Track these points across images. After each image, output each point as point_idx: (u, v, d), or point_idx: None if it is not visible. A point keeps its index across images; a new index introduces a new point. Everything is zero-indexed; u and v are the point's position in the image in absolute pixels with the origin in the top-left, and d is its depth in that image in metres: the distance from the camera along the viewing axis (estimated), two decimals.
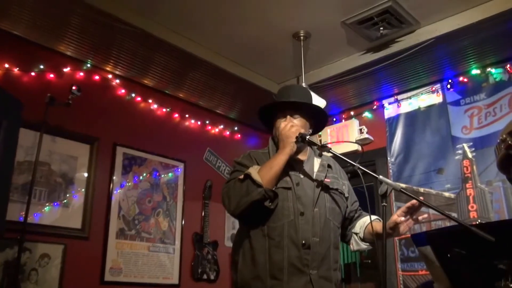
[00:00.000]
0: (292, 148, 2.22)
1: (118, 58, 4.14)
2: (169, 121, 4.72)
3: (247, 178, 2.14)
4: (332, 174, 2.38)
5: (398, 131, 4.58)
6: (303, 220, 2.19)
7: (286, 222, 2.18)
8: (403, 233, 2.16)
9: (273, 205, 2.16)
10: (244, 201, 2.12)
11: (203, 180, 4.82)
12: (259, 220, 2.21)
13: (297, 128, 2.26)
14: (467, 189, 3.97)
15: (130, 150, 4.30)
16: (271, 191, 2.14)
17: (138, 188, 4.29)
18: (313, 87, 4.45)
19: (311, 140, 2.24)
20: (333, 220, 2.28)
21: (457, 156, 4.11)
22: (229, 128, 5.25)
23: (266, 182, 2.12)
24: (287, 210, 2.20)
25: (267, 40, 4.16)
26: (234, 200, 2.16)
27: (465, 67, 4.20)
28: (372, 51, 4.23)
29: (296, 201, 2.21)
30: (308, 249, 2.15)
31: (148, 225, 4.27)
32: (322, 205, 2.26)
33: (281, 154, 2.20)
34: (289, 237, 2.15)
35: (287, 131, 2.24)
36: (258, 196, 2.10)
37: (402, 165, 4.45)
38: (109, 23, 3.67)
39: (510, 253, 1.62)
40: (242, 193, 2.13)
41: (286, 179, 2.25)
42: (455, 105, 4.26)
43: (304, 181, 2.28)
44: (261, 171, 2.15)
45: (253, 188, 2.10)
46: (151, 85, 4.57)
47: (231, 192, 2.19)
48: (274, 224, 2.18)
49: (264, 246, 2.17)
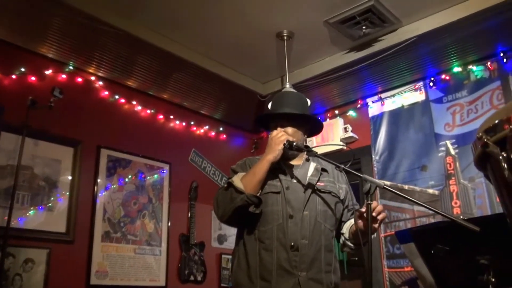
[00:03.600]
0: (276, 156, 2.27)
1: (100, 60, 4.11)
2: (153, 122, 4.70)
3: (230, 186, 2.22)
4: (327, 178, 2.42)
5: (382, 129, 4.61)
6: (291, 223, 2.24)
7: (275, 226, 2.24)
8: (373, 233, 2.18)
9: (257, 210, 2.22)
10: (229, 208, 2.21)
11: (189, 181, 4.81)
12: (250, 224, 2.28)
13: (286, 136, 2.31)
14: (450, 186, 4.02)
15: (115, 152, 4.27)
16: (254, 196, 2.20)
17: (123, 190, 4.26)
18: (297, 86, 4.46)
19: (298, 147, 2.29)
20: (324, 222, 2.30)
21: (440, 153, 4.15)
22: (214, 128, 5.25)
23: (249, 188, 2.19)
24: (276, 214, 2.26)
25: (250, 40, 4.16)
26: (221, 208, 2.26)
27: (447, 65, 4.24)
28: (355, 50, 4.25)
29: (286, 204, 2.27)
30: (297, 251, 2.19)
31: (134, 227, 4.25)
32: (313, 208, 2.29)
33: (264, 161, 2.27)
34: (278, 239, 2.21)
35: (276, 139, 2.30)
36: (241, 203, 2.18)
37: (386, 163, 4.48)
38: (91, 24, 3.64)
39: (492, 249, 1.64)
40: (227, 200, 2.22)
41: (276, 183, 2.32)
42: (437, 103, 4.30)
43: (295, 185, 2.34)
44: (244, 178, 2.24)
45: (236, 195, 2.19)
46: (134, 87, 4.55)
47: (219, 200, 2.28)
48: (264, 227, 2.25)
49: (255, 249, 2.24)
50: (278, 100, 2.53)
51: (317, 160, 2.47)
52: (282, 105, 2.46)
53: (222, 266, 4.86)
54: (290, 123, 2.41)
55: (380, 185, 1.99)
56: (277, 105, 2.49)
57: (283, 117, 2.42)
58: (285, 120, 2.41)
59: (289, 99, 2.49)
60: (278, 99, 2.54)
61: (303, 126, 2.46)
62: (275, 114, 2.45)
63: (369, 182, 1.98)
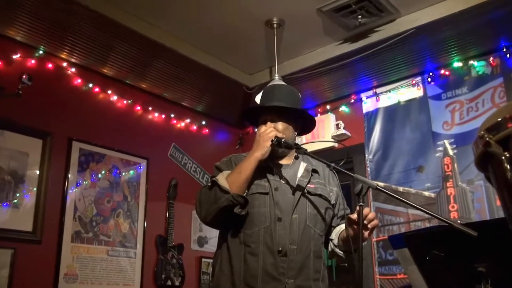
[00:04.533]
0: (264, 153, 2.27)
1: (74, 45, 4.08)
2: (130, 114, 4.67)
3: (214, 185, 2.21)
4: (317, 180, 2.43)
5: (376, 126, 4.63)
6: (280, 226, 2.24)
7: (262, 229, 2.24)
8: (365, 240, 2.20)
9: (243, 211, 2.22)
10: (212, 209, 2.21)
11: (168, 178, 4.79)
12: (235, 226, 2.28)
13: (276, 132, 2.31)
14: (447, 188, 4.06)
15: (87, 146, 4.24)
16: (240, 196, 2.19)
17: (96, 187, 4.24)
18: (287, 78, 4.47)
19: (287, 144, 2.30)
20: (314, 227, 2.31)
21: (438, 153, 4.19)
22: (196, 122, 5.23)
23: (235, 188, 2.19)
24: (263, 216, 2.25)
25: (237, 28, 4.15)
26: (204, 208, 2.25)
27: (447, 60, 4.27)
28: (349, 41, 4.27)
29: (274, 206, 2.27)
30: (285, 256, 2.19)
31: (107, 227, 4.23)
32: (302, 211, 2.30)
33: (251, 158, 2.27)
34: (265, 244, 2.21)
35: (265, 135, 2.29)
36: (226, 203, 2.17)
37: (380, 163, 4.51)
38: (65, 6, 3.61)
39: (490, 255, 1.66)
40: (210, 200, 2.21)
41: (264, 184, 2.31)
42: (436, 99, 4.33)
43: (284, 186, 2.34)
44: (230, 177, 2.23)
45: (221, 195, 2.18)
46: (110, 75, 4.51)
47: (202, 200, 2.27)
48: (250, 230, 2.25)
49: (240, 253, 2.24)
50: (268, 93, 2.53)
51: (308, 159, 2.47)
52: (272, 98, 2.44)
53: (202, 271, 4.85)
54: (280, 118, 2.40)
55: (373, 185, 2.00)
56: (266, 98, 2.48)
57: (273, 111, 2.41)
58: (275, 115, 2.40)
59: (280, 93, 2.48)
60: (268, 92, 2.53)
61: (294, 122, 2.46)
62: (265, 108, 2.44)
63: (360, 182, 1.99)
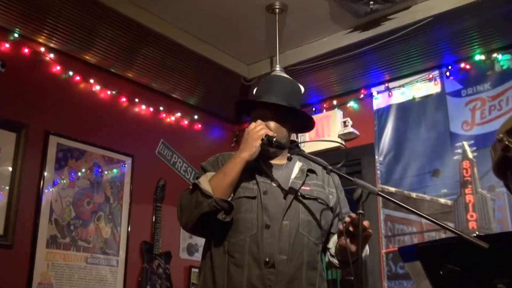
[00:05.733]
0: (252, 153, 2.25)
1: (54, 28, 4.07)
2: (114, 106, 4.66)
3: (196, 188, 2.20)
4: (314, 181, 2.40)
5: (388, 125, 4.63)
6: (268, 234, 2.21)
7: (248, 237, 2.21)
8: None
9: (228, 218, 2.20)
10: (193, 215, 2.19)
11: (155, 178, 4.79)
12: (219, 234, 2.26)
13: (266, 130, 2.28)
14: (466, 195, 4.05)
15: (66, 141, 4.23)
16: (224, 201, 2.17)
17: (74, 187, 4.23)
18: (289, 70, 4.46)
19: (279, 143, 2.28)
20: (308, 235, 2.28)
21: (456, 156, 4.18)
22: (187, 116, 5.22)
23: (219, 192, 2.17)
24: (250, 223, 2.23)
25: (235, 13, 4.14)
26: (185, 214, 2.25)
27: (468, 52, 4.27)
28: (359, 29, 4.26)
29: (262, 212, 2.24)
30: (272, 268, 2.16)
31: (87, 232, 4.22)
32: (294, 217, 2.27)
33: (237, 159, 2.25)
34: (251, 253, 2.19)
35: (254, 133, 2.27)
36: (208, 209, 2.15)
37: (391, 166, 4.51)
38: None
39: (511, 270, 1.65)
40: (191, 205, 2.20)
41: (252, 186, 2.29)
42: (455, 96, 4.33)
43: (274, 189, 2.32)
44: (214, 179, 2.22)
45: (202, 199, 2.16)
46: (93, 62, 4.51)
47: (183, 204, 2.27)
48: (235, 239, 2.23)
49: (223, 264, 2.22)
50: (265, 84, 2.49)
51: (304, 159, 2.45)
52: (268, 91, 2.41)
53: (191, 282, 4.85)
54: (274, 116, 2.37)
55: (374, 191, 1.98)
56: (262, 91, 2.45)
57: (267, 107, 2.38)
58: (268, 111, 2.38)
59: (279, 86, 2.45)
60: (265, 84, 2.50)
61: (291, 122, 2.43)
62: (258, 102, 2.41)
63: (360, 187, 1.97)
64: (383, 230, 4.38)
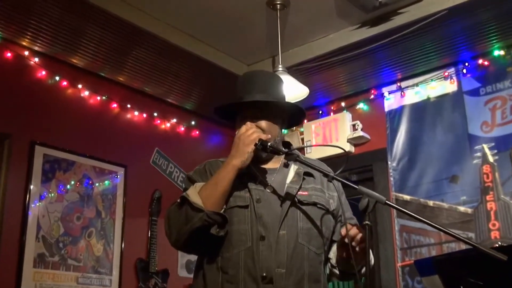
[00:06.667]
0: (244, 160, 2.23)
1: (38, 29, 4.07)
2: (105, 112, 4.67)
3: (185, 202, 2.17)
4: (312, 185, 2.37)
5: (401, 127, 4.62)
6: (264, 246, 2.18)
7: (242, 251, 2.19)
8: None
9: (222, 232, 2.18)
10: (184, 231, 2.17)
11: (150, 190, 4.79)
12: (212, 250, 2.24)
13: (259, 133, 2.26)
14: (487, 202, 4.04)
15: (53, 151, 4.24)
16: (217, 214, 2.15)
17: (63, 201, 4.24)
18: (293, 70, 4.46)
19: (274, 148, 2.26)
20: (308, 244, 2.26)
21: (475, 160, 4.18)
22: (184, 122, 5.23)
23: (210, 204, 2.14)
24: (244, 235, 2.21)
25: (234, 9, 4.15)
26: (174, 230, 2.21)
27: (486, 47, 4.27)
28: (368, 24, 4.26)
29: (256, 222, 2.21)
30: (270, 283, 2.14)
31: (77, 250, 4.22)
32: (292, 226, 2.24)
33: (228, 167, 2.22)
34: (246, 269, 2.16)
35: (245, 137, 2.25)
36: (199, 223, 2.13)
37: (406, 172, 4.50)
38: None
39: None
40: (181, 220, 2.17)
41: (244, 194, 2.27)
42: (473, 95, 4.32)
43: (268, 196, 2.29)
44: (204, 190, 2.19)
45: (193, 213, 2.13)
46: (81, 66, 4.52)
47: (171, 220, 2.24)
48: (228, 253, 2.20)
49: (216, 282, 2.19)
50: (244, 83, 2.45)
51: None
52: (250, 89, 2.39)
53: None
54: (263, 115, 2.36)
55: (381, 200, 1.97)
56: (243, 90, 2.41)
57: (254, 106, 2.36)
58: (257, 110, 2.36)
59: (259, 81, 2.42)
60: (245, 82, 2.46)
61: (280, 117, 2.42)
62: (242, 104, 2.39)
63: (366, 196, 1.97)
64: (398, 241, 4.37)
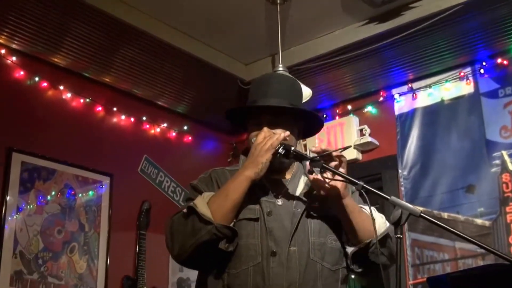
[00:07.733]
0: (259, 171, 2.23)
1: (16, 27, 4.08)
2: (89, 116, 4.67)
3: (192, 213, 2.17)
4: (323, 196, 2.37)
5: (413, 132, 4.63)
6: (274, 263, 2.19)
7: (251, 267, 2.19)
8: None
9: (231, 247, 2.18)
10: (189, 244, 2.17)
11: (138, 201, 4.79)
12: (218, 266, 2.24)
13: (279, 141, 2.25)
14: (507, 214, 4.04)
15: (32, 158, 4.25)
16: (226, 227, 2.16)
17: (43, 213, 4.23)
18: (294, 69, 4.47)
19: (298, 154, 2.27)
20: (321, 260, 2.27)
21: (494, 168, 4.18)
22: (175, 127, 5.23)
23: (219, 217, 2.15)
24: (253, 250, 2.21)
25: (230, 4, 4.16)
26: (178, 242, 2.21)
27: (505, 45, 4.28)
28: (376, 20, 4.27)
29: (266, 236, 2.22)
30: None
31: (58, 266, 4.22)
32: (304, 241, 2.26)
33: (241, 177, 2.23)
34: (255, 286, 2.17)
35: (261, 146, 2.24)
36: (207, 237, 2.13)
37: (418, 181, 4.50)
38: None
39: None
40: (187, 232, 2.17)
41: (254, 207, 2.28)
42: (491, 97, 4.33)
43: (280, 208, 2.30)
44: (213, 201, 2.19)
45: (200, 226, 2.13)
46: (63, 65, 4.53)
47: (175, 231, 2.24)
48: (236, 270, 2.20)
49: None
50: (260, 86, 2.47)
51: None
52: (267, 93, 2.39)
53: None
54: (280, 121, 2.36)
55: (416, 212, 1.94)
56: (259, 94, 2.42)
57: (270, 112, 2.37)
58: (273, 116, 2.37)
59: (277, 85, 2.43)
60: (260, 85, 2.48)
61: (298, 125, 2.43)
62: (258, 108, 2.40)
63: (399, 207, 1.96)
64: (410, 257, 4.37)
